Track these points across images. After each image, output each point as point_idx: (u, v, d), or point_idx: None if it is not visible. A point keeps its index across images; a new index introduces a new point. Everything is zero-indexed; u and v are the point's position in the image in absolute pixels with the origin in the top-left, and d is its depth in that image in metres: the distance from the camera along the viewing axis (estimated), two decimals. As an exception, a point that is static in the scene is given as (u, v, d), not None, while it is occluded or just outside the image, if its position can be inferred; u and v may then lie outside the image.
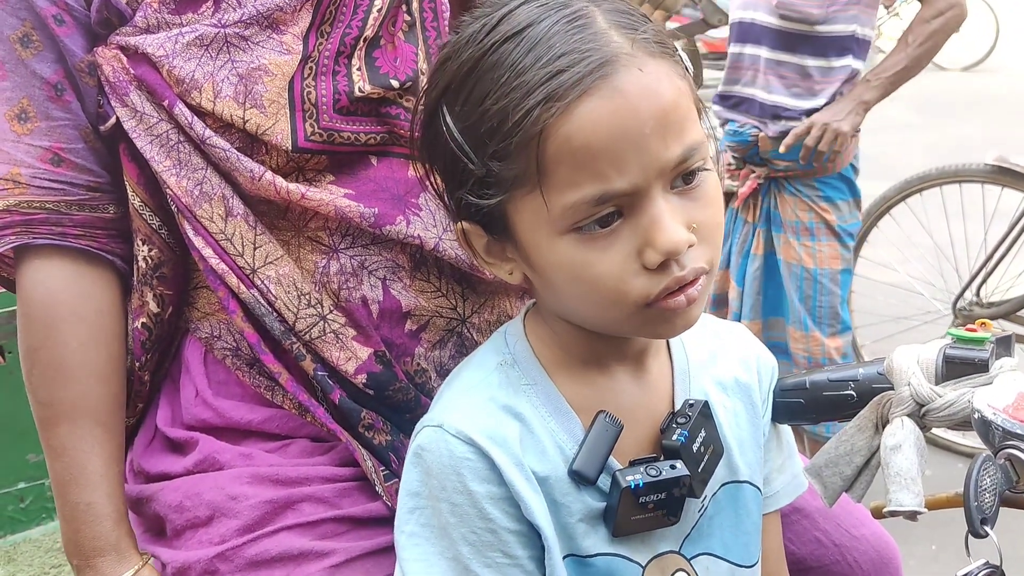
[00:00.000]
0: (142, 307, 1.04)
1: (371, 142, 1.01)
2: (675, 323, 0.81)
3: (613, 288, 0.78)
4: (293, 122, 0.97)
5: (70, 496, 1.00)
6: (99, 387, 1.01)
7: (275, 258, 0.99)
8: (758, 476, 0.95)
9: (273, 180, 0.97)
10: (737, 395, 0.95)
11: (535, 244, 0.80)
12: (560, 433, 0.84)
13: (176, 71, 0.95)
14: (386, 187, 1.01)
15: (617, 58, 0.75)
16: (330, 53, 0.98)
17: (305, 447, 1.03)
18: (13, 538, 2.54)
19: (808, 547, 1.13)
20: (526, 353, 0.88)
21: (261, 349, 1.00)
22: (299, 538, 0.96)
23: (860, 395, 0.96)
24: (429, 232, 1.01)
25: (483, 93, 0.77)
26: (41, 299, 1.00)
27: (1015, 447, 0.75)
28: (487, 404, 0.84)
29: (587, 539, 0.84)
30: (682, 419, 0.87)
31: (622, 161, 0.75)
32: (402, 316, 1.02)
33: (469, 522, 0.80)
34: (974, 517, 0.72)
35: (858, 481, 0.95)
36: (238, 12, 0.96)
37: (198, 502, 0.99)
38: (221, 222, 0.98)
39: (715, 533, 0.91)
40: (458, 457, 0.81)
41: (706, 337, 0.96)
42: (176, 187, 0.98)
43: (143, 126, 0.98)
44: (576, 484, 0.84)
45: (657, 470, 0.84)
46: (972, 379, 0.87)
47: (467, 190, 0.80)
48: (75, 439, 1.00)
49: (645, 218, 0.77)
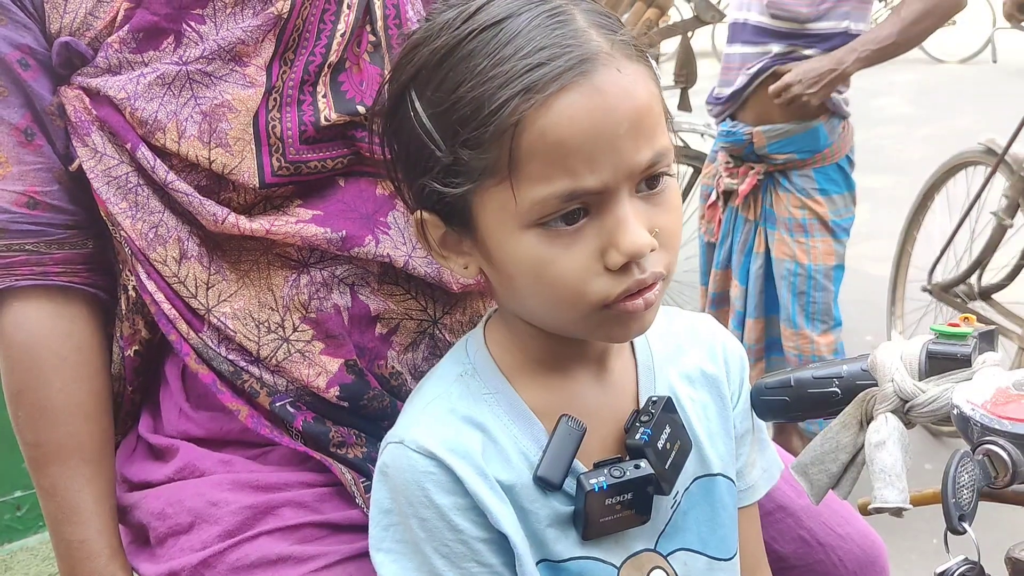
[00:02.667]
0: (134, 335, 1.04)
1: (338, 166, 1.00)
2: (630, 326, 0.81)
3: (573, 287, 0.77)
4: (259, 158, 0.96)
5: (64, 534, 1.00)
6: (85, 425, 1.01)
7: (229, 295, 0.99)
8: (731, 468, 0.95)
9: (236, 222, 0.96)
10: (704, 387, 0.95)
11: (497, 238, 0.79)
12: (523, 440, 0.84)
13: (139, 112, 0.94)
14: (354, 207, 1.01)
15: (597, 56, 0.76)
16: (294, 82, 0.97)
17: (284, 454, 1.02)
18: (10, 547, 2.53)
19: (792, 545, 1.13)
20: (486, 362, 0.87)
21: (217, 389, 0.99)
22: (279, 543, 0.96)
23: (844, 392, 0.95)
24: (399, 250, 1.00)
25: (457, 80, 0.77)
26: (22, 342, 0.99)
27: (993, 443, 0.74)
28: (447, 416, 0.84)
29: (558, 544, 0.84)
30: (645, 417, 0.86)
31: (595, 159, 0.74)
32: (371, 320, 1.01)
33: (439, 535, 0.80)
34: (952, 514, 0.72)
35: (844, 478, 0.94)
36: (199, 47, 0.95)
37: (180, 509, 1.00)
38: (175, 264, 0.98)
39: (691, 528, 0.91)
40: (420, 472, 0.80)
41: (671, 331, 0.96)
42: (131, 229, 0.97)
43: (101, 167, 0.97)
44: (542, 490, 0.83)
45: (621, 471, 0.83)
46: (955, 374, 0.87)
47: (431, 177, 0.79)
48: (65, 479, 1.00)
49: (611, 219, 0.76)
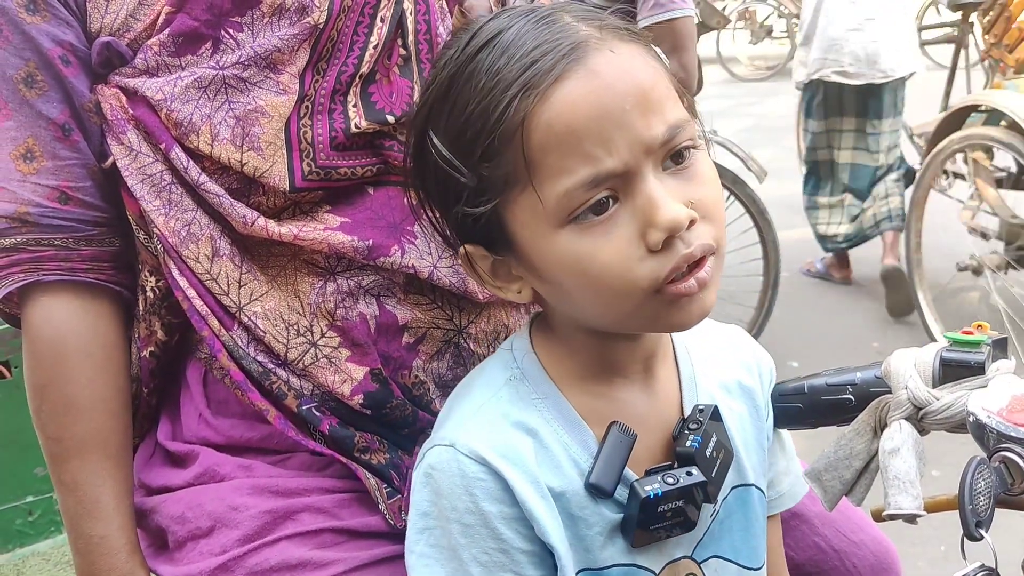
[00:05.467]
0: (150, 336, 1.05)
1: (367, 174, 1.01)
2: (690, 310, 0.78)
3: (619, 275, 0.76)
4: (290, 163, 0.98)
5: (84, 530, 1.01)
6: (108, 421, 1.02)
7: (260, 294, 1.00)
8: (762, 479, 0.95)
9: (265, 225, 0.97)
10: (741, 398, 0.95)
11: (536, 246, 0.79)
12: (574, 446, 0.84)
13: (174, 114, 0.96)
14: (382, 215, 1.02)
15: (588, 42, 0.77)
16: (326, 91, 0.99)
17: (305, 460, 1.03)
18: (22, 552, 2.54)
19: (807, 552, 1.13)
20: (535, 367, 0.87)
21: (248, 387, 1.00)
22: (299, 548, 0.96)
23: (858, 399, 0.96)
24: (424, 261, 1.01)
25: (464, 102, 0.78)
26: (49, 336, 1.00)
27: (1010, 450, 0.75)
28: (499, 421, 0.83)
29: (604, 551, 0.84)
30: (694, 424, 0.86)
31: (607, 139, 0.74)
32: (399, 329, 1.02)
33: (481, 543, 0.79)
34: (969, 520, 0.73)
35: (857, 485, 0.95)
36: (236, 53, 0.97)
37: (199, 513, 1.00)
38: (207, 262, 0.99)
39: (725, 536, 0.91)
40: (470, 477, 0.79)
41: (708, 341, 0.96)
42: (164, 227, 0.98)
43: (136, 165, 0.98)
44: (593, 497, 0.83)
45: (674, 478, 0.83)
46: (969, 382, 0.87)
47: (463, 204, 0.80)
48: (86, 474, 1.00)
49: (641, 198, 0.76)
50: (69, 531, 1.02)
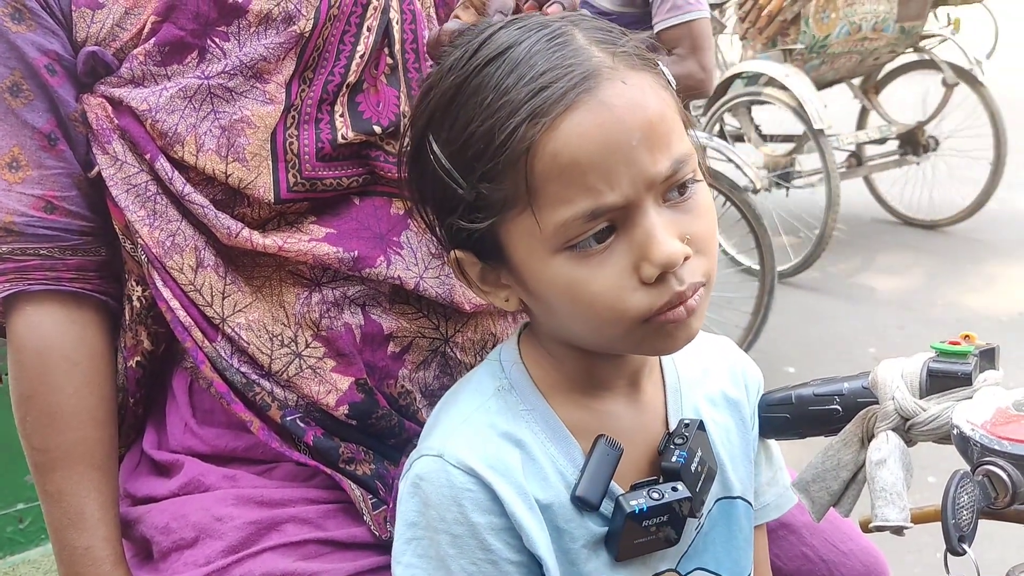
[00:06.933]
0: (136, 346, 1.04)
1: (353, 185, 1.01)
2: (677, 336, 0.80)
3: (611, 305, 0.77)
4: (276, 174, 0.97)
5: (68, 540, 1.00)
6: (94, 431, 1.01)
7: (244, 305, 0.99)
8: (750, 491, 0.95)
9: (250, 237, 0.97)
10: (727, 410, 0.95)
11: (529, 266, 0.79)
12: (560, 459, 0.83)
13: (159, 124, 0.95)
14: (368, 225, 1.01)
15: (599, 72, 0.75)
16: (313, 100, 0.98)
17: (290, 470, 1.03)
18: (12, 559, 2.53)
19: (795, 563, 1.12)
20: (523, 378, 0.86)
21: (231, 398, 1.00)
22: (283, 559, 0.96)
23: (846, 409, 0.95)
24: (410, 272, 1.01)
25: (468, 117, 0.77)
26: (35, 346, 1.00)
27: (994, 463, 0.74)
28: (487, 432, 0.83)
29: (588, 564, 0.84)
30: (679, 439, 0.86)
31: (612, 174, 0.74)
32: (384, 339, 1.02)
33: (469, 554, 0.79)
34: (952, 535, 0.72)
35: (845, 495, 0.94)
36: (222, 63, 0.96)
37: (184, 523, 1.00)
38: (191, 273, 0.98)
39: (709, 549, 0.91)
40: (459, 487, 0.79)
41: (695, 353, 0.95)
42: (148, 237, 0.98)
43: (121, 174, 0.98)
44: (579, 510, 0.83)
45: (660, 493, 0.83)
46: (956, 393, 0.87)
47: (458, 216, 0.80)
48: (71, 484, 1.00)
49: (639, 232, 0.76)
50: (54, 542, 1.02)
